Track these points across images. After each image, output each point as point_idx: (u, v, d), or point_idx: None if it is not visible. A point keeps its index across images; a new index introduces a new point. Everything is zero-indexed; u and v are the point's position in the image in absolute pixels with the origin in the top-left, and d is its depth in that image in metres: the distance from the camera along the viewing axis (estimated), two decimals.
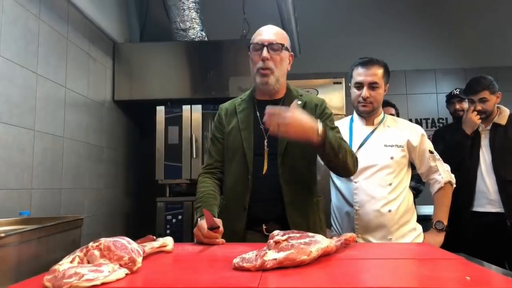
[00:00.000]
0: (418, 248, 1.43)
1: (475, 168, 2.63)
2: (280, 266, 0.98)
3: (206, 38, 3.38)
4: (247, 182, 1.60)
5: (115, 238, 0.97)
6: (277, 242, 1.05)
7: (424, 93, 4.39)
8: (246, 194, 1.60)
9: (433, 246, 1.50)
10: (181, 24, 3.33)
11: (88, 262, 0.90)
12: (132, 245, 0.97)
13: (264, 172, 1.59)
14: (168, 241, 1.24)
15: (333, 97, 3.17)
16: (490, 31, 4.25)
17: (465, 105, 3.30)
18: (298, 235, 1.09)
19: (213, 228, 1.40)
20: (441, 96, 4.12)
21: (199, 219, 1.49)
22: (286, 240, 1.05)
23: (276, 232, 1.10)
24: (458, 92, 3.30)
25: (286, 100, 1.65)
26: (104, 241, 0.94)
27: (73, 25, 2.57)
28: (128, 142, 3.41)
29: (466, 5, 4.29)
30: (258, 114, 1.66)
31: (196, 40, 3.31)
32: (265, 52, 1.57)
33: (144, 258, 1.06)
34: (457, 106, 3.29)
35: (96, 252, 0.90)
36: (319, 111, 1.68)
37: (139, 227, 3.45)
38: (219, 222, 1.44)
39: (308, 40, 4.02)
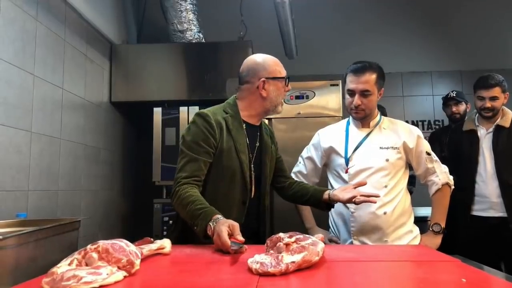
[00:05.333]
0: (413, 250, 1.44)
1: (474, 171, 2.61)
2: (299, 269, 1.00)
3: (203, 39, 3.38)
4: (244, 206, 1.64)
5: (113, 241, 0.97)
6: (287, 244, 1.06)
7: (420, 95, 4.41)
8: (241, 217, 1.61)
9: (428, 248, 1.51)
10: (178, 25, 3.33)
11: (86, 265, 0.90)
12: (130, 247, 0.98)
13: (253, 196, 1.69)
14: (165, 244, 1.24)
15: (330, 99, 3.17)
16: (486, 33, 4.27)
17: (462, 107, 3.32)
18: (301, 236, 1.11)
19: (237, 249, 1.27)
20: (438, 98, 4.13)
21: (213, 224, 1.35)
22: (295, 242, 1.07)
23: (281, 234, 1.12)
24: (454, 95, 3.33)
25: (260, 126, 1.81)
26: (102, 243, 0.94)
27: (70, 27, 2.57)
28: (125, 143, 3.40)
29: (462, 8, 4.32)
30: (248, 139, 1.72)
31: (194, 41, 3.31)
32: (290, 87, 1.76)
33: (142, 260, 1.06)
34: (454, 109, 3.31)
35: (94, 255, 0.90)
36: (275, 141, 1.91)
37: (135, 228, 3.44)
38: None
39: (305, 42, 4.03)
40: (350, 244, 1.88)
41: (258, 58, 1.74)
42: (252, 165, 1.70)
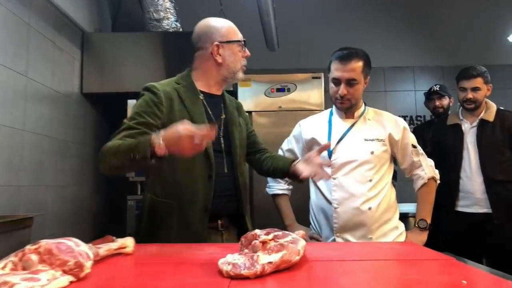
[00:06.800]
0: (401, 248, 1.34)
1: (458, 166, 2.54)
2: (277, 270, 0.88)
3: (180, 29, 3.24)
4: (210, 181, 1.51)
5: (59, 240, 0.83)
6: (264, 242, 0.93)
7: (402, 90, 4.36)
8: (209, 194, 1.50)
9: (418, 246, 1.42)
10: (154, 14, 3.18)
11: (24, 269, 0.76)
12: (81, 247, 0.84)
13: (225, 170, 1.57)
14: (128, 242, 1.10)
15: (312, 93, 3.09)
16: (468, 29, 4.25)
17: (445, 101, 3.27)
18: (280, 233, 0.98)
19: None
20: (419, 94, 4.10)
21: (158, 136, 1.24)
22: (273, 239, 0.94)
23: (258, 231, 0.99)
24: (438, 89, 3.28)
25: (222, 97, 1.69)
26: (46, 243, 0.79)
27: (35, 11, 2.39)
28: (97, 137, 3.23)
29: (444, 3, 4.28)
30: (209, 110, 1.59)
31: (171, 31, 3.17)
32: (248, 52, 1.64)
33: (98, 262, 0.93)
34: (437, 103, 3.27)
35: (34, 257, 0.76)
36: (244, 114, 1.79)
37: (108, 226, 3.29)
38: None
39: (287, 34, 3.93)
40: (333, 241, 1.78)
41: (210, 21, 1.63)
42: (221, 138, 1.57)
